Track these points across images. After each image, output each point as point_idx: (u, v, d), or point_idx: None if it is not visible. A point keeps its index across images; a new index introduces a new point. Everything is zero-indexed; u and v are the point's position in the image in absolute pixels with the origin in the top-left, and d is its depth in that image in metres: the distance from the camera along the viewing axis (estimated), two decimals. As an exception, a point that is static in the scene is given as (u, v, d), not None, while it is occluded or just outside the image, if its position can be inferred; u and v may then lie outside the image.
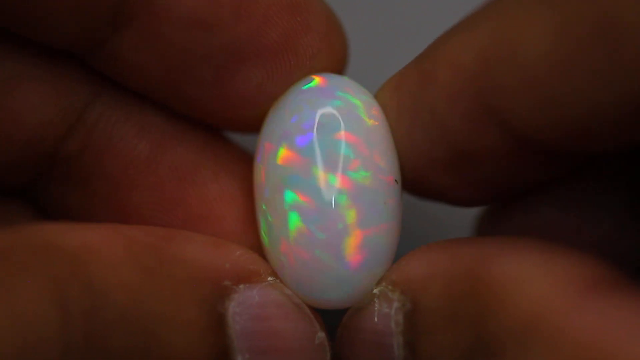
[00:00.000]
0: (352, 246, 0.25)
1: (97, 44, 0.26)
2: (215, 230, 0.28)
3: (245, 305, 0.25)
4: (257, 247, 0.27)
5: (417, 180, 0.26)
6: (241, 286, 0.25)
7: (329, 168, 0.25)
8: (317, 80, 0.27)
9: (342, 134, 0.26)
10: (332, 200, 0.25)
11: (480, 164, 0.25)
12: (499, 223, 0.29)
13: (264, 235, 0.26)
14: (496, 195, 0.27)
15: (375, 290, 0.25)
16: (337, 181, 0.25)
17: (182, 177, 0.28)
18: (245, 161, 0.29)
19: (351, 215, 0.25)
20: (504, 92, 0.23)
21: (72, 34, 0.26)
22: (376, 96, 0.27)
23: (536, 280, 0.22)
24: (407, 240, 0.27)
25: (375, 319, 0.25)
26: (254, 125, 0.27)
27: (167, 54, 0.26)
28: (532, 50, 0.22)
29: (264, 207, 0.26)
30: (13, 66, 0.27)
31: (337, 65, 0.28)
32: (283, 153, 0.26)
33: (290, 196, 0.26)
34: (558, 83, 0.22)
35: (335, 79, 0.27)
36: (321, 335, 0.25)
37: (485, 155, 0.24)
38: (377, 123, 0.26)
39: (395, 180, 0.26)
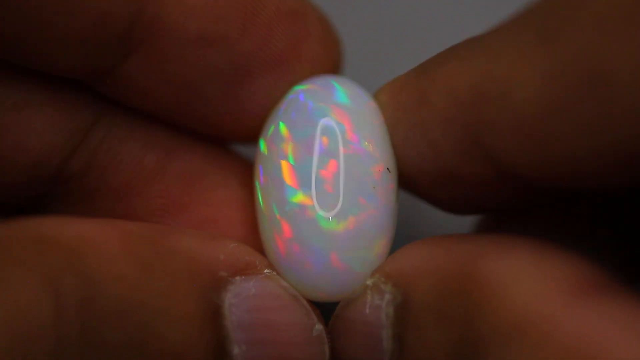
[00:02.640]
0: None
1: (105, 71, 0.26)
2: (223, 233, 0.28)
3: (241, 297, 0.25)
4: (263, 250, 0.27)
5: (408, 184, 0.27)
6: (237, 278, 0.25)
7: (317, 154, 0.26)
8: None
9: (333, 115, 0.26)
10: (327, 190, 0.26)
11: (467, 185, 0.25)
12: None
13: (261, 227, 0.27)
14: (482, 211, 0.28)
15: (368, 282, 0.25)
16: (327, 168, 0.26)
17: (189, 184, 0.28)
18: (249, 167, 0.29)
19: (341, 203, 0.26)
20: (493, 128, 0.23)
21: (80, 64, 0.26)
22: (374, 98, 0.27)
23: (525, 282, 0.22)
24: (408, 234, 0.27)
25: (367, 310, 0.25)
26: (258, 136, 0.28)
27: (175, 75, 0.26)
28: (523, 90, 0.22)
29: (260, 201, 0.26)
30: (16, 92, 0.27)
31: (334, 66, 0.28)
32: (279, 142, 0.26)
33: (284, 187, 0.26)
34: (546, 126, 0.22)
35: (335, 79, 0.28)
36: (319, 327, 0.25)
37: (472, 179, 0.25)
38: (370, 112, 0.27)
39: (387, 169, 0.26)
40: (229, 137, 0.29)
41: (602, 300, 0.22)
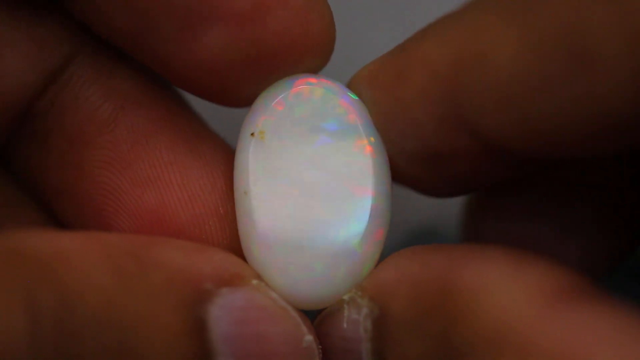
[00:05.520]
0: None
1: None
2: (161, 195, 0.27)
3: (227, 309, 0.24)
4: (208, 224, 0.27)
5: (390, 170, 0.26)
6: (223, 290, 0.24)
7: None
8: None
9: None
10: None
11: (451, 162, 0.25)
12: (484, 217, 0.30)
13: (243, 233, 0.26)
14: (467, 190, 0.28)
15: (345, 297, 0.25)
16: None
17: (137, 140, 0.27)
18: (210, 138, 0.28)
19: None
20: (474, 97, 0.23)
21: None
22: (350, 83, 0.27)
23: (503, 291, 0.22)
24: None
25: (345, 324, 0.25)
26: (218, 93, 0.27)
27: (130, 4, 0.25)
28: (500, 56, 0.22)
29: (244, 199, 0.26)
30: None
31: (316, 49, 0.26)
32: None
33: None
34: (525, 90, 0.22)
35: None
36: (309, 338, 0.25)
37: (455, 154, 0.25)
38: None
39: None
40: (187, 87, 0.28)
41: (581, 306, 0.22)
